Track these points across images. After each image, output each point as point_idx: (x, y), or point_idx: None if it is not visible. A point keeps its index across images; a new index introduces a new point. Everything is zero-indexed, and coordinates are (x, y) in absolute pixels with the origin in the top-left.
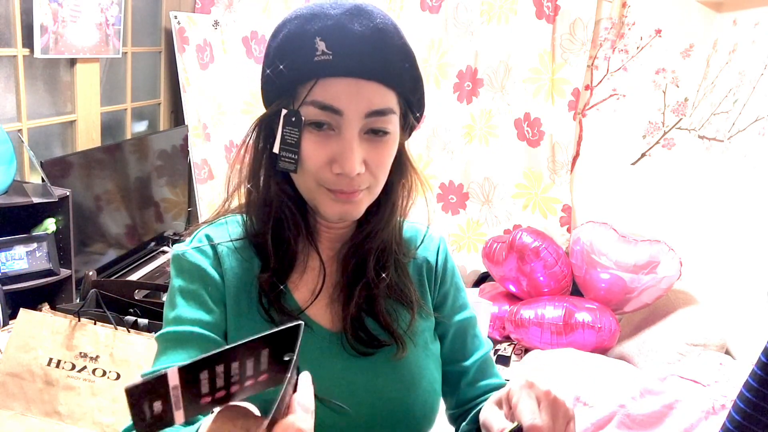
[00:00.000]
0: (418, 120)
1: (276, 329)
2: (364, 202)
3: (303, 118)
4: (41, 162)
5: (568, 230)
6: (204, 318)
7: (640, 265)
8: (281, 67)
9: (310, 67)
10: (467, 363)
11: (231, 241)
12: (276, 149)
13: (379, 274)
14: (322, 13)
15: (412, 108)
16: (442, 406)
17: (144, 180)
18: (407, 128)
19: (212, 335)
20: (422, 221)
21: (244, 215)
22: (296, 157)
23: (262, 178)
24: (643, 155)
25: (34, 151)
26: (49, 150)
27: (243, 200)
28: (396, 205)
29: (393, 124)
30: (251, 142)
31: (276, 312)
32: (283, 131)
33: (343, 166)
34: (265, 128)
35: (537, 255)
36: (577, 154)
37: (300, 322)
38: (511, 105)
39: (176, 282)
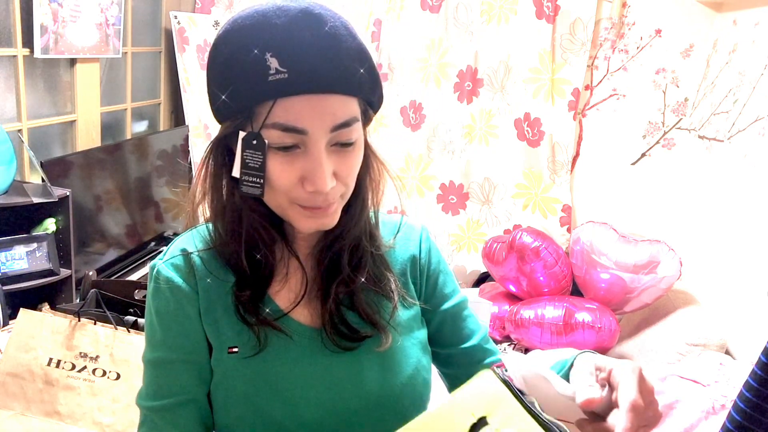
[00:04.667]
0: (376, 111)
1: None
2: (338, 211)
3: (266, 142)
4: (41, 162)
5: (568, 230)
6: (186, 343)
7: (640, 265)
8: (232, 85)
9: (266, 87)
10: (472, 342)
11: (198, 251)
12: (236, 173)
13: (355, 269)
14: (267, 23)
15: (372, 105)
16: (433, 394)
17: (144, 180)
18: (367, 122)
19: (198, 358)
20: (412, 214)
21: (209, 225)
22: (261, 181)
23: (225, 197)
24: (643, 155)
25: (34, 151)
26: (49, 150)
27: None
28: (366, 201)
29: (358, 131)
30: (210, 162)
31: (255, 319)
32: (243, 155)
33: (315, 184)
34: (222, 147)
35: (537, 255)
36: (577, 154)
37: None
38: (511, 105)
39: (154, 303)
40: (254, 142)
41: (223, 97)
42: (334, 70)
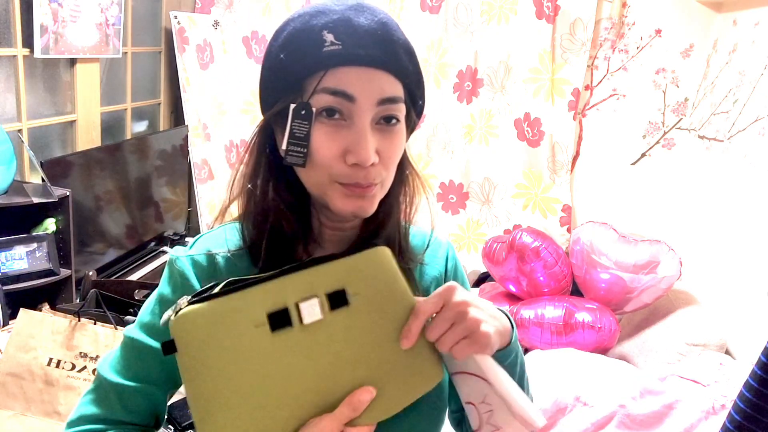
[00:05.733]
0: (418, 117)
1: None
2: (377, 197)
3: (314, 110)
4: (41, 162)
5: (568, 230)
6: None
7: (640, 265)
8: (287, 62)
9: (319, 58)
10: None
11: (229, 252)
12: (283, 145)
13: None
14: (327, 9)
15: (415, 103)
16: None
17: (144, 180)
18: (409, 126)
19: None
20: (425, 224)
21: (241, 223)
22: (305, 150)
23: (260, 184)
24: (643, 155)
25: (34, 151)
26: (49, 150)
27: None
28: (396, 205)
29: (402, 113)
30: (254, 144)
31: None
32: (291, 125)
33: (358, 155)
34: (266, 133)
35: (537, 255)
36: (577, 154)
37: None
38: (511, 105)
39: (161, 287)
40: (303, 112)
41: (280, 74)
42: (385, 51)
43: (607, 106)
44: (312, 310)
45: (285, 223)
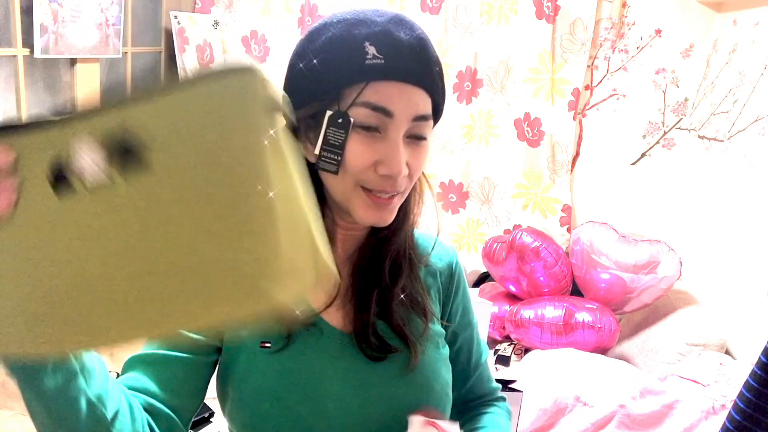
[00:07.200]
0: (435, 123)
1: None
2: (396, 207)
3: (351, 121)
4: None
5: (568, 230)
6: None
7: (640, 265)
8: (324, 67)
9: (361, 69)
10: (469, 371)
11: None
12: (316, 150)
13: (394, 279)
14: (368, 20)
15: (436, 113)
16: None
17: None
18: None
19: (202, 343)
20: (431, 226)
21: None
22: (339, 158)
23: None
24: (643, 155)
25: None
26: None
27: None
28: (409, 210)
29: (430, 129)
30: None
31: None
32: (326, 132)
33: (391, 168)
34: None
35: (537, 255)
36: (577, 154)
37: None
38: (511, 105)
39: None
40: (340, 120)
41: (315, 78)
42: (422, 68)
43: (607, 106)
44: (93, 171)
45: None
